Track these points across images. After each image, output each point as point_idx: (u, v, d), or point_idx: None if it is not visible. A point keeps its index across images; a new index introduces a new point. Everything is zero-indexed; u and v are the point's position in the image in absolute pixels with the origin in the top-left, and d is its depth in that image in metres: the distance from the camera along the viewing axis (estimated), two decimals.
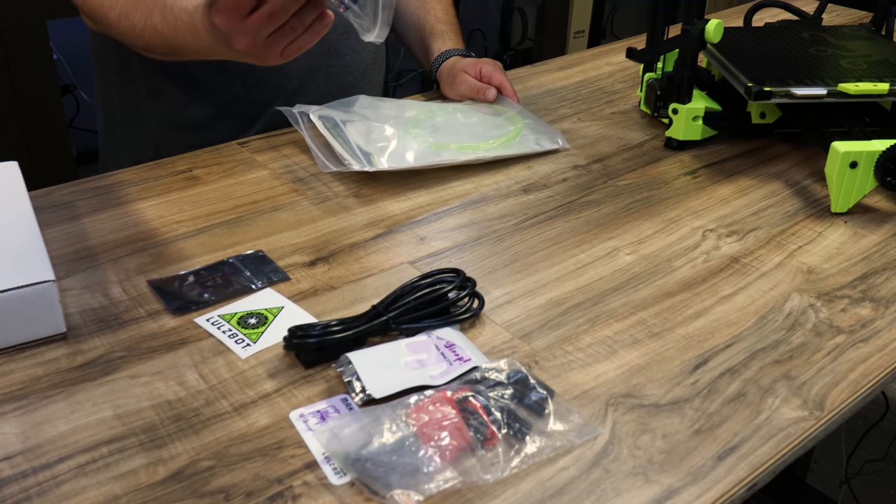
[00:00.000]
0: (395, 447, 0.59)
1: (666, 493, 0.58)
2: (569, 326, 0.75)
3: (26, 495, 0.56)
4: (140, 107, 1.14)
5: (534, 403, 0.64)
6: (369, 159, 0.97)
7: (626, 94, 1.27)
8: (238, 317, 0.75)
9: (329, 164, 0.97)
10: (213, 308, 0.76)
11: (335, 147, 0.98)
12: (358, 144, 0.99)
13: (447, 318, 0.73)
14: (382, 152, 0.98)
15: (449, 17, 1.26)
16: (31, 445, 0.60)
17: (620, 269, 0.83)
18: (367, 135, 1.01)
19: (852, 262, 0.86)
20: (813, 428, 0.64)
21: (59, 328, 0.71)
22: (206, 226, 0.89)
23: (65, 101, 2.14)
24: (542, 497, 0.57)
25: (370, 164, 0.96)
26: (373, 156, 0.97)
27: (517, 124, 1.09)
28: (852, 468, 1.79)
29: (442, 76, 1.20)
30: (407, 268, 0.83)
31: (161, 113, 1.12)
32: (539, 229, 0.90)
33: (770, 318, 0.76)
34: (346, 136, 1.00)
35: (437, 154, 1.01)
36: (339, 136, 1.00)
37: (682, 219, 0.93)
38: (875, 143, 0.91)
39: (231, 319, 0.74)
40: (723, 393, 0.67)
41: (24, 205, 0.80)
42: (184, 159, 1.03)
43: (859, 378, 0.69)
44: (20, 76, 1.89)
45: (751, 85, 1.00)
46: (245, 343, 0.72)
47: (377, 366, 0.66)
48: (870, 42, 1.18)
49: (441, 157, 1.00)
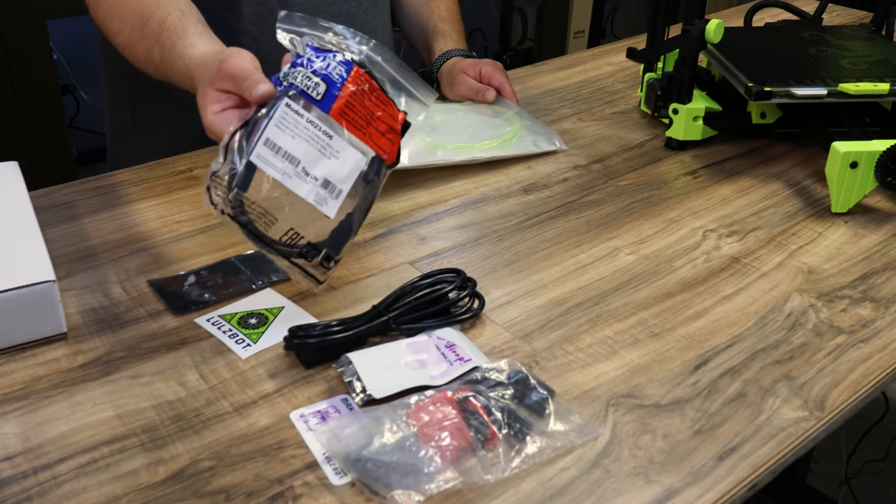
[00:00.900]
0: (395, 447, 0.59)
1: (667, 494, 0.58)
2: (569, 326, 0.75)
3: (27, 495, 0.56)
4: (150, 111, 1.13)
5: (534, 404, 0.64)
6: None
7: (626, 94, 1.27)
8: (238, 317, 0.75)
9: None
10: (213, 308, 0.76)
11: None
12: None
13: (447, 319, 0.73)
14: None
15: (452, 16, 1.26)
16: (31, 445, 0.60)
17: (621, 269, 0.83)
18: None
19: (853, 263, 0.86)
20: (813, 428, 0.64)
21: (59, 328, 0.71)
22: (207, 226, 0.89)
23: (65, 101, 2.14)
24: (543, 497, 0.57)
25: None
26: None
27: (515, 125, 1.09)
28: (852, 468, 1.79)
29: (442, 77, 1.20)
30: (407, 268, 0.83)
31: (173, 119, 1.11)
32: (539, 229, 0.90)
33: (770, 319, 0.76)
34: None
35: (432, 154, 1.01)
36: None
37: (682, 219, 0.93)
38: (875, 143, 0.91)
39: (231, 319, 0.74)
40: (723, 393, 0.67)
41: (24, 205, 0.80)
42: (184, 159, 1.03)
43: (860, 378, 0.69)
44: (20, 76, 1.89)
45: (751, 85, 1.00)
46: (245, 343, 0.71)
47: (378, 366, 0.66)
48: (870, 42, 1.18)
49: (436, 156, 1.00)
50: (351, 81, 0.72)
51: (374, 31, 1.17)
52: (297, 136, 0.71)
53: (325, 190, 0.71)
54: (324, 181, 0.71)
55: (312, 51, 0.73)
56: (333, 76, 0.71)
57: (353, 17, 1.12)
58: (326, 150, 0.71)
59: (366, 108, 0.73)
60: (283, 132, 0.70)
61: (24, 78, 1.91)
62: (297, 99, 0.71)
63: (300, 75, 0.71)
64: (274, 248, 0.72)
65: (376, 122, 0.73)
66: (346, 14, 1.11)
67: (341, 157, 0.72)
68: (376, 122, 0.73)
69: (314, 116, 0.71)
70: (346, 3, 1.11)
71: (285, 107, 0.71)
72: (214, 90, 0.78)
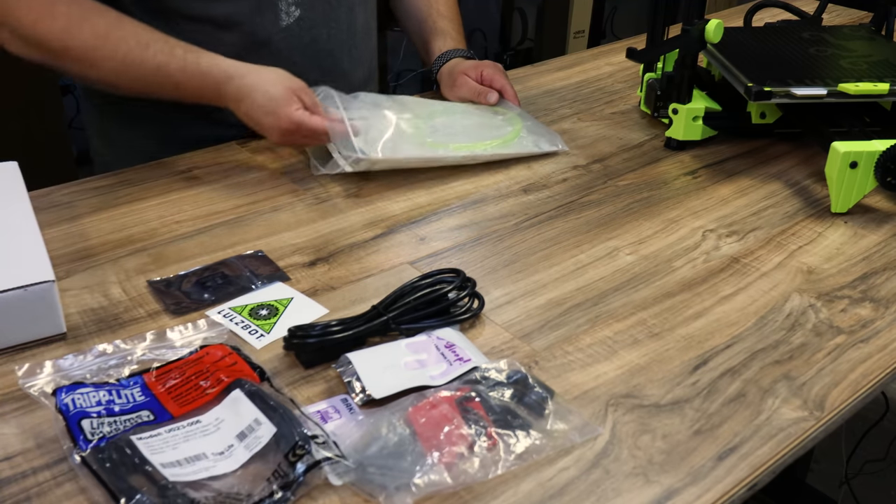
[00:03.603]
0: (395, 447, 0.59)
1: (666, 494, 0.58)
2: (569, 327, 0.75)
3: (26, 496, 0.56)
4: (126, 134, 1.13)
5: (534, 403, 0.64)
6: (363, 151, 0.96)
7: (626, 94, 1.27)
8: (249, 308, 0.75)
9: (320, 167, 0.97)
10: (213, 307, 0.76)
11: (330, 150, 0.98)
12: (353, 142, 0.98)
13: (447, 319, 0.73)
14: (376, 143, 0.98)
15: (451, 13, 1.25)
16: (30, 446, 0.60)
17: (620, 269, 0.83)
18: (365, 133, 1.00)
19: (852, 263, 0.86)
20: (813, 428, 0.64)
21: (58, 328, 0.71)
22: (206, 226, 0.89)
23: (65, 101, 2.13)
24: (543, 497, 0.57)
25: (364, 154, 0.96)
26: (368, 154, 0.97)
27: (516, 125, 1.09)
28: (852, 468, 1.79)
29: (442, 78, 1.20)
30: (407, 268, 0.83)
31: (150, 137, 1.11)
32: (539, 229, 0.90)
33: (770, 319, 0.76)
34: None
35: (433, 152, 1.00)
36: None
37: (682, 219, 0.93)
38: (875, 143, 0.91)
39: (242, 311, 0.75)
40: (723, 393, 0.67)
41: (23, 205, 0.80)
42: (184, 159, 1.03)
43: (859, 378, 0.69)
44: (20, 76, 1.89)
45: (751, 85, 1.00)
46: (259, 334, 0.72)
47: (377, 366, 0.66)
48: (870, 42, 1.18)
49: (436, 154, 1.00)
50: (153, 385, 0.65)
51: (369, 31, 1.18)
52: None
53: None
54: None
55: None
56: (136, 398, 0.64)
57: (354, 22, 1.14)
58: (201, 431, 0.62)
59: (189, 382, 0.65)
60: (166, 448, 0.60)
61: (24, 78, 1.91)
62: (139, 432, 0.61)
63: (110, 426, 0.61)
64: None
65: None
66: (346, 21, 1.12)
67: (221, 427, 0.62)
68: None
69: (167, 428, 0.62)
70: (325, 25, 1.11)
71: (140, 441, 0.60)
72: (294, 95, 0.94)
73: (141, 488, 0.55)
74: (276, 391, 0.64)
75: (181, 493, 0.55)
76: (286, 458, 0.57)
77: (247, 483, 0.57)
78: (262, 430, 0.59)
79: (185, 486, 0.56)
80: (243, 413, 0.61)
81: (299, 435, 0.58)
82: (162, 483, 0.55)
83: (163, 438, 0.60)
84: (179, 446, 0.59)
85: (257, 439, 0.59)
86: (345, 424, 0.62)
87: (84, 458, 0.57)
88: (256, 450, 0.58)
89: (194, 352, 0.68)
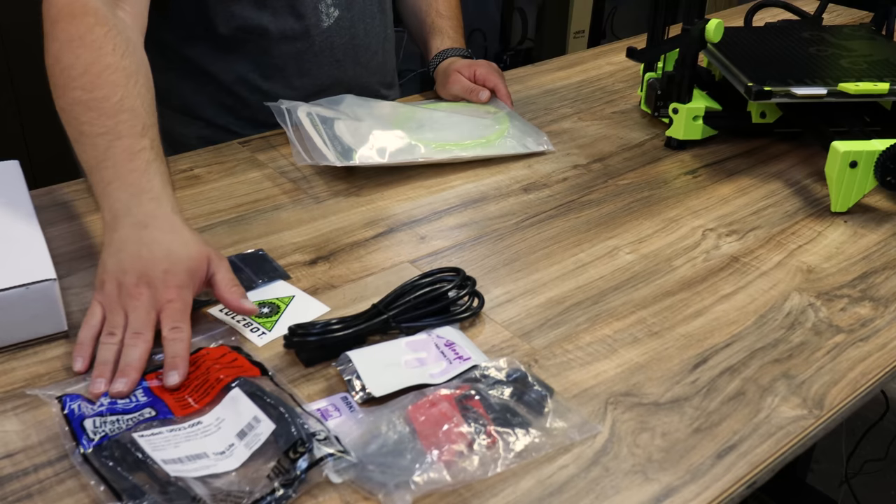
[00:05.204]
0: (394, 445, 0.59)
1: (665, 492, 0.58)
2: (568, 325, 0.75)
3: (27, 493, 0.57)
4: None
5: (533, 402, 0.64)
6: (350, 155, 0.96)
7: (626, 93, 1.27)
8: None
9: (305, 156, 0.97)
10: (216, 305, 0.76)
11: (317, 142, 0.98)
12: (342, 139, 0.99)
13: (447, 317, 0.73)
14: (360, 146, 0.98)
15: (451, 13, 1.26)
16: (32, 443, 0.61)
17: (620, 268, 0.83)
18: (354, 132, 1.00)
19: (852, 262, 0.86)
20: (812, 427, 0.64)
21: (60, 326, 0.71)
22: (207, 225, 0.89)
23: None
24: (542, 495, 0.57)
25: (350, 160, 0.96)
26: (354, 151, 0.97)
27: (503, 125, 1.09)
28: (852, 468, 1.79)
29: (438, 76, 1.21)
30: (407, 267, 0.83)
31: None
32: (539, 228, 0.90)
33: (770, 318, 0.77)
34: (334, 131, 1.00)
35: (411, 152, 1.00)
36: (326, 132, 0.99)
37: (682, 218, 0.93)
38: (875, 143, 0.91)
39: None
40: (722, 391, 0.67)
41: (25, 203, 0.81)
42: (184, 158, 1.03)
43: (859, 377, 0.69)
44: (20, 76, 1.89)
45: (751, 85, 1.00)
46: (260, 331, 0.72)
47: (377, 364, 0.67)
48: (870, 42, 1.18)
49: (415, 154, 1.00)
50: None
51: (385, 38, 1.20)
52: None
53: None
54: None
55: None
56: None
57: (371, 31, 1.17)
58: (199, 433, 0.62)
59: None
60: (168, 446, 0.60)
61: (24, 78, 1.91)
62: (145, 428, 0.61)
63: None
64: None
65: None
66: (364, 31, 1.15)
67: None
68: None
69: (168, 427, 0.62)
70: (362, 21, 1.15)
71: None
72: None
73: (143, 484, 0.55)
74: (278, 387, 0.64)
75: (183, 488, 0.55)
76: (287, 455, 0.57)
77: (248, 480, 0.57)
78: (262, 428, 0.59)
79: (187, 481, 0.56)
80: (242, 411, 0.61)
81: (301, 431, 0.58)
82: (164, 479, 0.56)
83: (164, 437, 0.60)
84: (181, 445, 0.60)
85: (257, 437, 0.59)
86: (345, 422, 0.62)
87: (86, 456, 0.57)
88: (256, 447, 0.59)
89: (195, 352, 0.68)
